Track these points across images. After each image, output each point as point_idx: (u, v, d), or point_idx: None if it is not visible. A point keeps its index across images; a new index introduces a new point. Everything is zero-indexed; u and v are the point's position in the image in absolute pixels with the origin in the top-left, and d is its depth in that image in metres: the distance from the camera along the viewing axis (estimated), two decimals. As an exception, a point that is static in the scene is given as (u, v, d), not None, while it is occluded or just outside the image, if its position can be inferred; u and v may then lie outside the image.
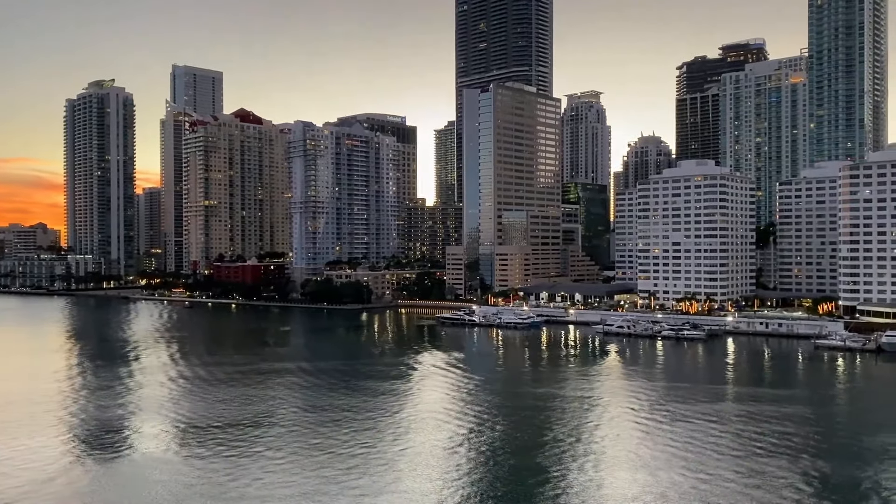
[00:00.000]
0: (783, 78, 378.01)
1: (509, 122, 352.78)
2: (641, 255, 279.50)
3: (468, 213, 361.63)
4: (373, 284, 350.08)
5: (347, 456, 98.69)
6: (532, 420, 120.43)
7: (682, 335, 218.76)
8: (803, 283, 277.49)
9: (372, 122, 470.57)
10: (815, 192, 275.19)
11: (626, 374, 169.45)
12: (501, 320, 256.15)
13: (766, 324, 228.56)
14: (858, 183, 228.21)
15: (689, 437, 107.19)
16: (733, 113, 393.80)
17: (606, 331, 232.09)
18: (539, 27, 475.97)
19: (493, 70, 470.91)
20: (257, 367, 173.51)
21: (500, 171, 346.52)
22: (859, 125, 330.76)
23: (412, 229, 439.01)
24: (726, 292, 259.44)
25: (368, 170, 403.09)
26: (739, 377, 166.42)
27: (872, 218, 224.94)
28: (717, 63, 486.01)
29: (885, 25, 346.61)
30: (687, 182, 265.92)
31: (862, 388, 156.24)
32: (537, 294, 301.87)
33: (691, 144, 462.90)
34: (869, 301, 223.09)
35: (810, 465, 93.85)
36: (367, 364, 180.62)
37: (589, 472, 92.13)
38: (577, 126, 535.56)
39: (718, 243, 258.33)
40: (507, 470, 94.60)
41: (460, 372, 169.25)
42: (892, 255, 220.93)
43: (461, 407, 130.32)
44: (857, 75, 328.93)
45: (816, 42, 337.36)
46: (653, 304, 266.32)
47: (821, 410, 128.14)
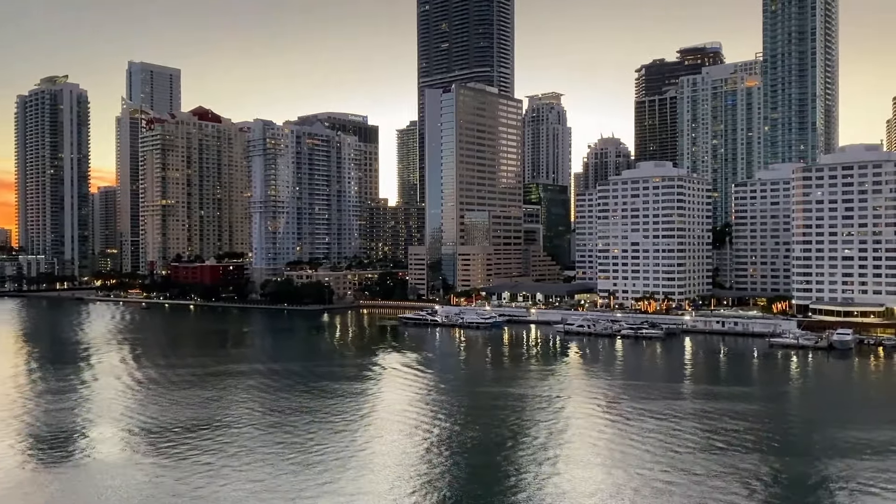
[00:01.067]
0: (739, 81, 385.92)
1: (471, 123, 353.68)
2: (601, 255, 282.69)
3: (430, 214, 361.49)
4: (334, 285, 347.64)
5: (309, 458, 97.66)
6: (494, 419, 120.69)
7: (641, 334, 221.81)
8: (758, 283, 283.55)
9: (333, 122, 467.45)
10: (769, 194, 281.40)
11: (586, 373, 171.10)
12: (464, 320, 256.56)
13: (723, 322, 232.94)
14: (811, 185, 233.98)
15: (647, 434, 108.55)
16: (690, 115, 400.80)
17: (567, 330, 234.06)
18: (500, 28, 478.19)
19: (454, 70, 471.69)
20: (215, 369, 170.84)
21: (462, 172, 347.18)
22: (812, 128, 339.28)
23: (374, 229, 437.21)
24: (684, 292, 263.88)
25: (330, 169, 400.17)
26: (697, 375, 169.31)
27: (824, 219, 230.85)
28: (674, 66, 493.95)
29: (835, 32, 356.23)
30: (645, 183, 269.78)
31: (814, 386, 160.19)
32: (499, 294, 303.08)
33: (650, 146, 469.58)
34: (821, 300, 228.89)
35: (764, 460, 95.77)
36: (329, 365, 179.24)
37: (550, 470, 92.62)
38: (539, 127, 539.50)
39: (676, 243, 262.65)
40: (470, 469, 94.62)
41: (423, 372, 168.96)
42: (843, 255, 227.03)
43: (424, 407, 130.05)
44: (809, 79, 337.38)
45: (771, 47, 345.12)
46: (612, 304, 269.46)
47: (775, 407, 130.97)
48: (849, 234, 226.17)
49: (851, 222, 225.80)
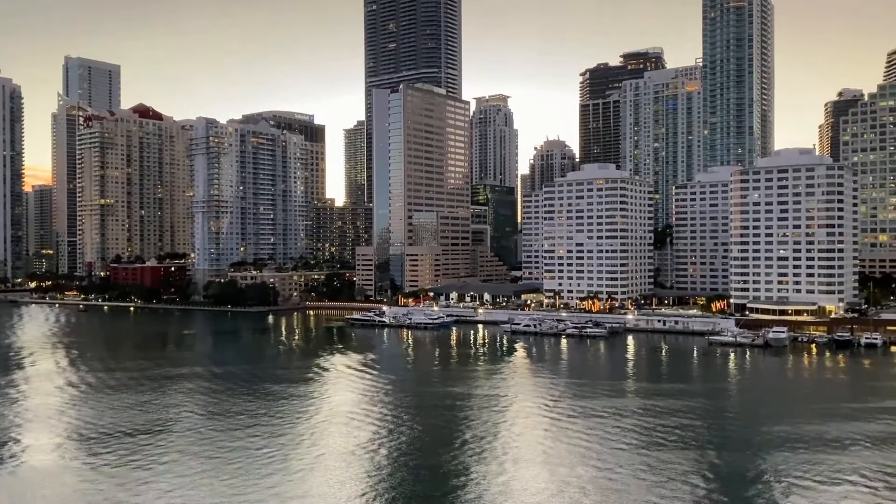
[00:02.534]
0: (679, 86, 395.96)
1: (419, 124, 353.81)
2: (547, 256, 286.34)
3: (378, 214, 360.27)
4: (279, 286, 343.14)
5: (254, 462, 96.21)
6: (441, 419, 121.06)
7: (586, 333, 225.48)
8: (698, 282, 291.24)
9: (279, 120, 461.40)
10: (708, 196, 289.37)
11: (532, 372, 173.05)
12: (411, 321, 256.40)
13: (664, 321, 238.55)
14: (748, 187, 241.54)
15: (592, 431, 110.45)
16: (633, 119, 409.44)
17: (514, 330, 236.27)
18: (448, 30, 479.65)
19: (402, 71, 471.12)
20: (155, 372, 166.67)
21: (410, 172, 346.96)
22: (749, 132, 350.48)
23: (321, 230, 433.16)
24: (626, 291, 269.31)
25: (275, 169, 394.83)
26: (639, 373, 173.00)
27: (760, 220, 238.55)
28: (618, 70, 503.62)
29: (771, 39, 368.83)
30: (590, 185, 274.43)
31: (751, 382, 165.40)
32: (447, 294, 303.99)
33: (594, 148, 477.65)
34: (757, 299, 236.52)
35: (706, 456, 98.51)
36: (274, 367, 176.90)
37: (497, 469, 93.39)
38: (486, 129, 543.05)
39: (619, 244, 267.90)
40: (418, 469, 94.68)
41: (370, 373, 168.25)
42: (779, 256, 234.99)
43: (371, 408, 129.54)
44: (746, 85, 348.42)
45: (710, 53, 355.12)
46: (558, 303, 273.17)
47: (714, 404, 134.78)
48: (784, 235, 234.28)
49: (786, 224, 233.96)
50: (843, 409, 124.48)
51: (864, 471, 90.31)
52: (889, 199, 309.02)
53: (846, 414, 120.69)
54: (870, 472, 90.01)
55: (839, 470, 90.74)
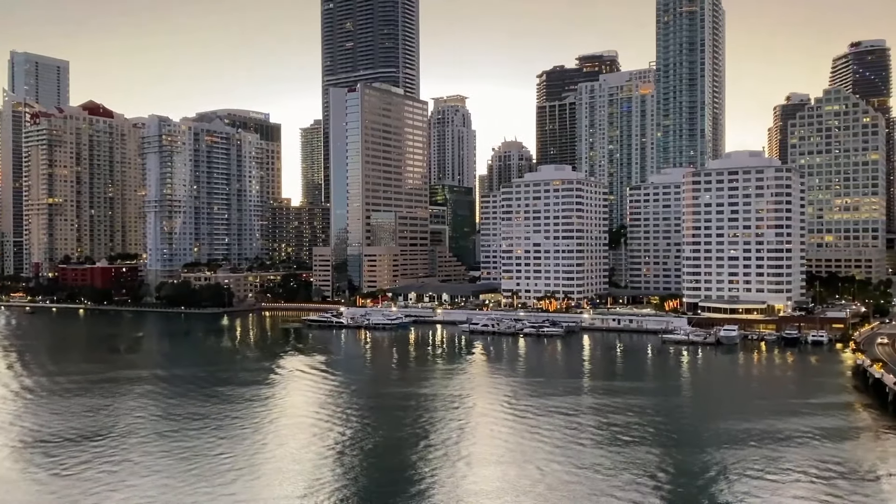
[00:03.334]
0: (634, 89, 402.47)
1: (377, 123, 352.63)
2: (505, 256, 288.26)
3: (336, 214, 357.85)
4: (234, 287, 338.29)
5: (210, 467, 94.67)
6: (400, 419, 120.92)
7: (543, 332, 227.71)
8: (651, 282, 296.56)
9: (233, 119, 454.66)
10: (661, 197, 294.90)
11: (490, 371, 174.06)
12: (370, 321, 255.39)
13: (619, 320, 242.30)
14: (700, 189, 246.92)
15: (551, 430, 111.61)
16: (588, 121, 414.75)
17: (472, 329, 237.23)
18: (405, 29, 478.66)
19: (360, 70, 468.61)
20: (107, 375, 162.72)
21: (368, 172, 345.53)
22: (701, 135, 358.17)
23: (277, 230, 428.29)
24: (582, 290, 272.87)
25: (230, 168, 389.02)
26: (595, 371, 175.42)
27: (712, 221, 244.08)
28: (573, 72, 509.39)
29: (722, 44, 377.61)
30: (546, 186, 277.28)
31: (703, 379, 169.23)
32: (405, 294, 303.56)
33: (550, 150, 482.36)
34: (709, 298, 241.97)
35: (662, 452, 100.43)
36: (229, 370, 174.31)
37: (457, 470, 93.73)
38: (444, 129, 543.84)
39: (575, 244, 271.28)
40: (376, 470, 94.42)
41: (327, 374, 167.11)
42: (729, 256, 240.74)
43: (329, 410, 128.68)
44: (698, 88, 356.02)
45: (663, 56, 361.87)
46: (515, 303, 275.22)
47: (668, 401, 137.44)
48: (734, 235, 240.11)
49: (736, 224, 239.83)
50: (791, 405, 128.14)
51: (812, 464, 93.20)
52: (834, 201, 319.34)
53: (794, 410, 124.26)
54: (818, 465, 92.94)
55: (788, 464, 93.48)
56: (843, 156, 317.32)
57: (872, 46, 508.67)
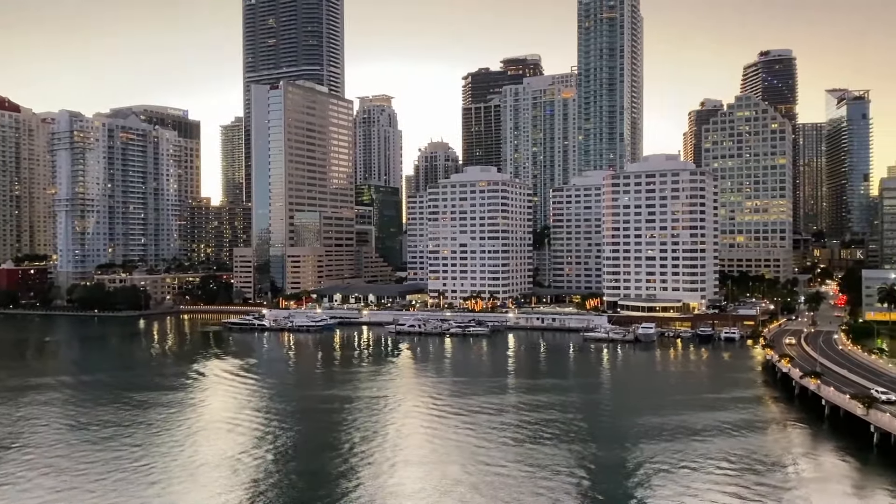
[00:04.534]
0: (556, 93, 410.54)
1: (301, 121, 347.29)
2: (431, 256, 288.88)
3: (258, 214, 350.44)
4: (151, 289, 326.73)
5: (128, 475, 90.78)
6: (324, 422, 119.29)
7: (469, 332, 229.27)
8: (573, 281, 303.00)
9: (150, 115, 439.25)
10: (583, 199, 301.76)
11: (417, 372, 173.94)
12: (293, 323, 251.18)
13: (542, 319, 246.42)
14: (619, 191, 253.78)
15: (478, 428, 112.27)
16: (513, 123, 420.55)
17: (399, 330, 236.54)
18: (330, 27, 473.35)
19: (282, 67, 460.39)
20: (14, 382, 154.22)
21: (291, 171, 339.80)
22: (620, 139, 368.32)
23: (196, 230, 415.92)
24: (508, 290, 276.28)
25: (146, 165, 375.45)
26: (519, 369, 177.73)
27: (630, 222, 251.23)
28: (498, 75, 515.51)
29: (640, 50, 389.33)
30: (472, 187, 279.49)
31: (622, 376, 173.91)
32: (330, 296, 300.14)
33: (476, 151, 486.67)
34: (628, 297, 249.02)
35: (584, 448, 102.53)
36: (146, 375, 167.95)
37: (386, 472, 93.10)
38: (370, 129, 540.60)
39: (500, 245, 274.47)
40: (300, 474, 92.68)
41: (249, 378, 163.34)
42: (647, 256, 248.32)
43: (252, 414, 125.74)
44: (618, 93, 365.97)
45: (584, 61, 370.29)
46: (442, 303, 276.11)
47: (590, 397, 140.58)
48: (651, 236, 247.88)
49: (654, 225, 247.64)
50: (706, 400, 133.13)
51: (726, 456, 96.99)
52: (745, 203, 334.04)
53: (708, 404, 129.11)
54: (731, 456, 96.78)
55: (704, 456, 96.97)
56: (753, 160, 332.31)
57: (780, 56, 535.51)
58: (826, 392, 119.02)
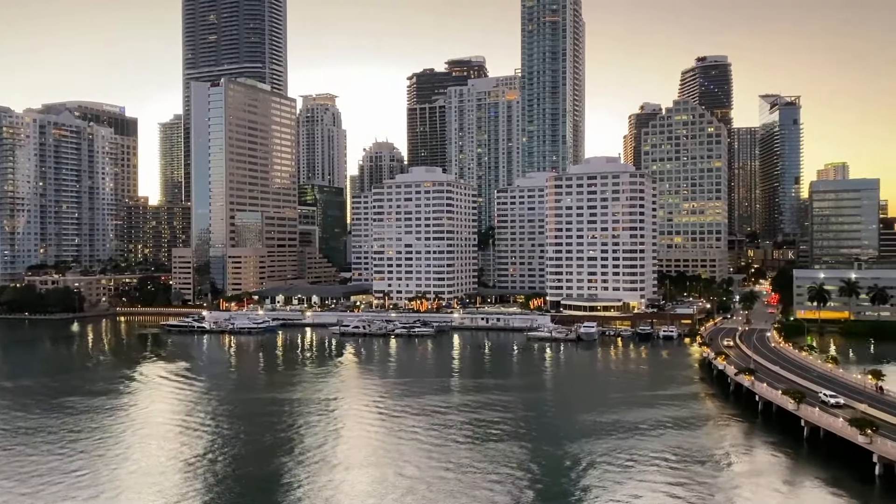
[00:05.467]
0: (500, 95, 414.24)
1: (242, 120, 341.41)
2: (376, 257, 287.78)
3: (197, 214, 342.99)
4: (86, 291, 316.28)
5: (63, 485, 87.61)
6: (269, 425, 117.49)
7: (414, 332, 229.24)
8: (518, 281, 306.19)
9: (85, 112, 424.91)
10: (526, 200, 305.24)
11: (361, 373, 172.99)
12: (234, 326, 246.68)
13: (487, 319, 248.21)
14: (561, 192, 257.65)
15: (425, 429, 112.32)
16: (458, 124, 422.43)
17: (343, 331, 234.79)
18: (272, 25, 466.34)
19: (223, 64, 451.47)
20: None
21: (232, 170, 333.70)
22: (562, 141, 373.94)
23: (133, 230, 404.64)
24: (453, 291, 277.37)
25: (80, 163, 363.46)
26: (464, 369, 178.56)
27: (573, 223, 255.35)
28: (443, 76, 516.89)
29: (582, 53, 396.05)
30: (417, 188, 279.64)
31: (565, 374, 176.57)
32: (273, 297, 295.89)
33: (421, 151, 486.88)
34: (570, 296, 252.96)
35: (530, 446, 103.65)
36: (79, 380, 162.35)
37: (328, 474, 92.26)
38: (313, 128, 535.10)
39: (445, 245, 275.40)
40: (244, 479, 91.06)
41: (189, 381, 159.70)
42: (589, 256, 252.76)
43: (191, 418, 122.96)
44: (560, 96, 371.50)
45: (528, 64, 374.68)
46: (387, 304, 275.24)
47: (533, 396, 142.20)
48: (593, 237, 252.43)
49: (595, 226, 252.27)
50: (646, 397, 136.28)
51: (666, 451, 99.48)
52: (683, 205, 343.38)
53: (648, 401, 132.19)
54: (671, 452, 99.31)
55: (645, 452, 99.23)
56: (690, 163, 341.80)
57: (716, 62, 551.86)
58: (760, 388, 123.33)
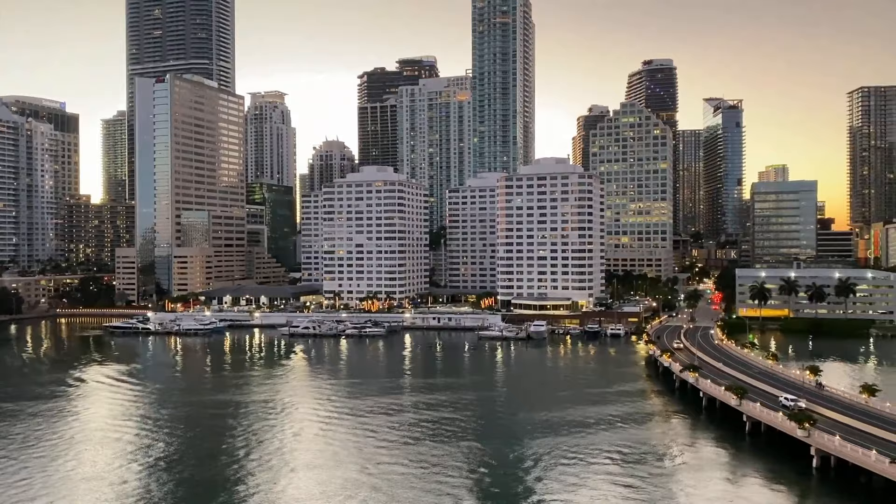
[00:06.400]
0: (452, 95, 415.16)
1: (188, 117, 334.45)
2: (327, 257, 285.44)
3: (142, 212, 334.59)
4: (24, 292, 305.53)
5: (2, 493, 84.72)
6: (215, 428, 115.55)
7: (365, 332, 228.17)
8: (469, 281, 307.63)
9: (23, 107, 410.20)
10: (478, 200, 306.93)
11: (310, 374, 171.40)
12: (180, 327, 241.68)
13: (438, 318, 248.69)
14: (512, 192, 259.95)
15: (373, 430, 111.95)
16: (409, 124, 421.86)
17: (293, 332, 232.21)
18: (220, 21, 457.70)
19: (169, 60, 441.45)
20: None
21: (178, 168, 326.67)
22: (513, 142, 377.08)
23: (74, 229, 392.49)
24: (404, 290, 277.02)
25: (18, 160, 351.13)
26: (415, 369, 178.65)
27: (523, 223, 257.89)
28: (394, 75, 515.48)
29: (532, 55, 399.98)
30: (369, 187, 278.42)
31: (515, 373, 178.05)
32: (220, 298, 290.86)
33: (372, 151, 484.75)
34: (521, 295, 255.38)
35: (479, 444, 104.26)
36: (16, 384, 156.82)
37: (278, 476, 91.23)
38: (262, 126, 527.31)
39: (397, 245, 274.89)
40: (193, 483, 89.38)
41: (134, 384, 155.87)
42: (539, 256, 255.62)
43: (136, 421, 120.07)
44: (511, 97, 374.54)
45: (479, 65, 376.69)
46: (337, 304, 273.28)
47: (484, 395, 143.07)
48: (543, 237, 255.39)
49: (545, 226, 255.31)
50: (594, 395, 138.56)
51: (615, 447, 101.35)
52: (629, 206, 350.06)
53: (596, 398, 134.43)
54: (619, 447, 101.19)
55: (593, 448, 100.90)
56: (636, 164, 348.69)
57: (662, 65, 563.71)
58: (704, 385, 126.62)
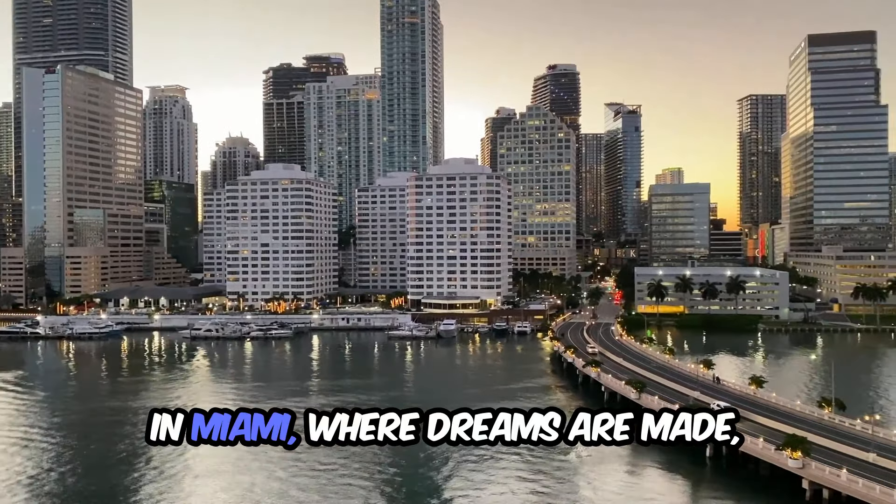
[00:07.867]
0: (360, 93, 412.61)
1: (81, 110, 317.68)
2: (230, 257, 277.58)
3: (30, 210, 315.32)
4: None
5: None
6: (112, 436, 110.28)
7: (271, 335, 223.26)
8: (379, 281, 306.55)
9: None
10: (388, 199, 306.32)
11: (213, 378, 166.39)
12: (73, 330, 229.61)
13: (348, 319, 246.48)
14: (422, 192, 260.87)
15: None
16: (317, 121, 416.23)
17: (194, 335, 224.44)
18: (116, 10, 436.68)
19: (60, 50, 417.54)
20: None
21: (70, 164, 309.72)
22: (423, 142, 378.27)
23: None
24: (312, 291, 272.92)
25: None
26: (323, 370, 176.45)
27: (433, 223, 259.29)
28: (301, 72, 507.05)
29: (441, 56, 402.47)
30: (275, 185, 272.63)
31: (424, 371, 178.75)
32: (117, 300, 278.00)
33: (279, 148, 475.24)
34: (431, 295, 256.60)
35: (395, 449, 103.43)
36: None
37: (178, 483, 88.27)
38: (161, 121, 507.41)
39: (305, 244, 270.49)
40: (85, 495, 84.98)
41: (21, 391, 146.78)
42: (448, 255, 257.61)
43: (23, 430, 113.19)
44: (420, 97, 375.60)
45: (388, 64, 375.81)
46: (242, 306, 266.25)
47: (392, 395, 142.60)
48: (452, 236, 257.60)
49: (454, 226, 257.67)
50: (501, 390, 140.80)
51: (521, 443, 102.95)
52: (535, 206, 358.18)
53: (503, 394, 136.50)
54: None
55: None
56: (542, 166, 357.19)
57: (566, 70, 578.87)
58: (605, 379, 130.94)
